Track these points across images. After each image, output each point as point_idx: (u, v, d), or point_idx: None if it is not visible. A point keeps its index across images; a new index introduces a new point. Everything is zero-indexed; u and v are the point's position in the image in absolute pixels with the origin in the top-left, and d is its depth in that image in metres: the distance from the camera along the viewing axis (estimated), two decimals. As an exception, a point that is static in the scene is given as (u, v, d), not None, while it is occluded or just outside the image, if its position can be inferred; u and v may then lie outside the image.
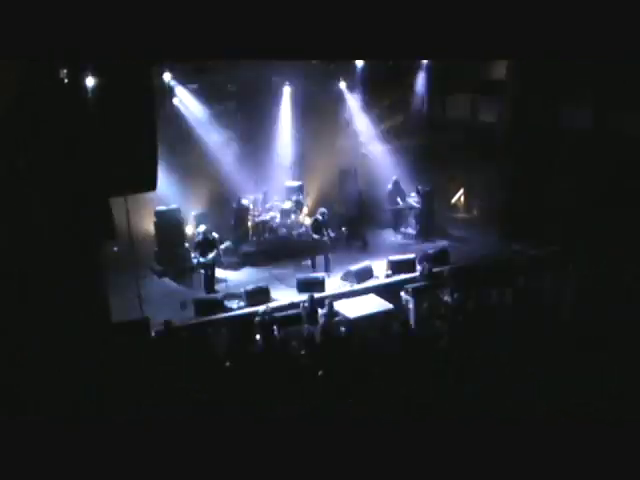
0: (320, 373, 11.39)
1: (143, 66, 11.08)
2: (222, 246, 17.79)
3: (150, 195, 15.71)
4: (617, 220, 16.31)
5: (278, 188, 20.83)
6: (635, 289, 13.86)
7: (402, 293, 16.48)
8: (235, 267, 18.92)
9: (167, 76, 18.14)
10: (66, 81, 9.46)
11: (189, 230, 19.18)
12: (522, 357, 11.19)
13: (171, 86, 18.40)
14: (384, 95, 22.18)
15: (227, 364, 12.42)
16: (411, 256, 18.32)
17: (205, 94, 18.97)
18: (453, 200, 23.32)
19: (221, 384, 11.45)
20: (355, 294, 16.61)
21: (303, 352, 13.08)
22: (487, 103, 20.30)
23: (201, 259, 17.20)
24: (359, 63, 20.90)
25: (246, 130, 19.83)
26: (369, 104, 21.98)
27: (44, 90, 8.52)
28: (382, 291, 16.65)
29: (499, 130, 17.99)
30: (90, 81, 12.09)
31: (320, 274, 17.78)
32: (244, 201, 19.88)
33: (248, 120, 19.86)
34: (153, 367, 12.56)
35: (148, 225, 18.55)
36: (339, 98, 21.35)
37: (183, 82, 18.68)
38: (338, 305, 15.58)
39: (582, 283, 14.53)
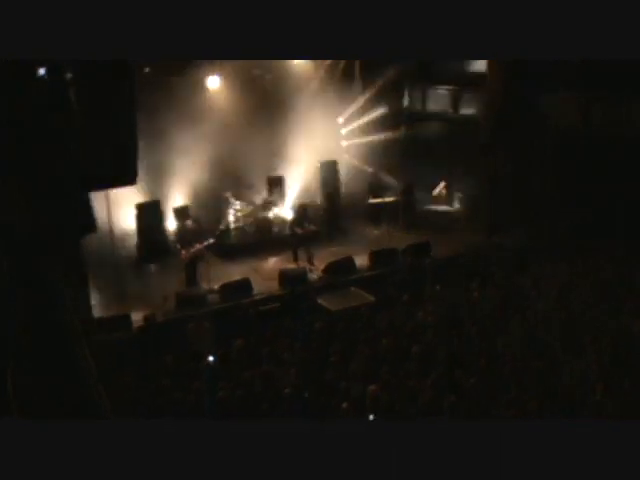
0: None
1: (125, 62, 10.98)
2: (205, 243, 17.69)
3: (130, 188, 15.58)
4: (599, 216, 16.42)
5: (259, 181, 20.79)
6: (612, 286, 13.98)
7: (384, 286, 16.49)
8: (217, 260, 18.84)
9: (148, 70, 18.00)
10: (44, 76, 9.35)
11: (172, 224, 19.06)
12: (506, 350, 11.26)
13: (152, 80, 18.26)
14: (365, 88, 22.23)
15: (210, 359, 12.36)
16: (392, 249, 18.34)
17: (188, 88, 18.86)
18: (434, 193, 23.35)
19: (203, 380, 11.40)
20: (337, 287, 16.60)
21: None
22: (468, 96, 20.31)
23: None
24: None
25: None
26: (350, 97, 22.03)
27: (21, 86, 8.41)
28: (364, 284, 16.64)
29: (480, 123, 18.01)
30: (69, 75, 12.02)
31: (301, 267, 17.77)
32: (226, 195, 19.82)
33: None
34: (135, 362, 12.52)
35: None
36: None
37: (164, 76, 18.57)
38: (320, 298, 15.57)
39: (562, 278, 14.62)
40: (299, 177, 21.35)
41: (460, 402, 9.69)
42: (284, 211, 20.20)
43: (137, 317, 14.91)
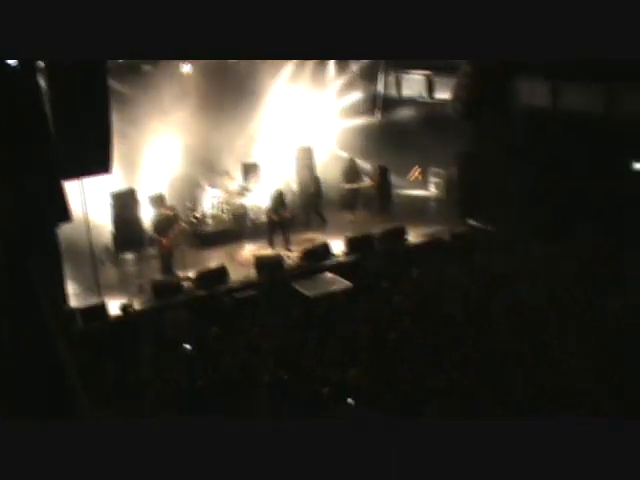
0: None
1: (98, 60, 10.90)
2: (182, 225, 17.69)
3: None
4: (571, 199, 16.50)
5: (235, 168, 20.73)
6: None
7: (360, 271, 16.53)
8: (193, 248, 18.78)
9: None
10: (17, 67, 9.29)
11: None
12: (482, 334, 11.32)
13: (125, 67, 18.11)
14: (340, 73, 22.22)
15: (187, 347, 12.37)
16: (368, 234, 18.37)
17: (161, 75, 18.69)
18: (409, 177, 23.39)
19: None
20: (313, 272, 16.63)
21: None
22: (443, 80, 20.34)
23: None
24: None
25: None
26: (325, 82, 22.00)
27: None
28: (340, 270, 16.68)
29: (454, 107, 18.05)
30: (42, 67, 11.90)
31: (278, 253, 17.76)
32: (201, 182, 19.77)
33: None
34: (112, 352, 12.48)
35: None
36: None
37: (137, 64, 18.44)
38: (297, 284, 15.60)
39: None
40: (274, 163, 21.31)
41: (439, 389, 9.75)
42: (260, 198, 20.16)
43: (114, 306, 14.88)
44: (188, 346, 12.50)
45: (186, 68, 19.34)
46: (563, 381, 9.62)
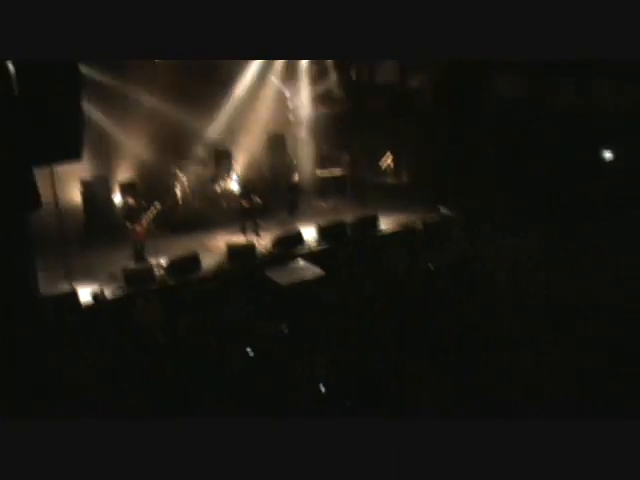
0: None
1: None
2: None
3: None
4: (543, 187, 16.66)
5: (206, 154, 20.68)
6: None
7: (333, 259, 16.56)
8: (165, 235, 18.68)
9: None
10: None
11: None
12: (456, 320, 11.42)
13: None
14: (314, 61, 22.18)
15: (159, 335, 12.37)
16: (340, 222, 18.39)
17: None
18: (381, 165, 23.45)
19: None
20: (286, 261, 16.63)
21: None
22: (415, 68, 20.39)
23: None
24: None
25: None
26: (297, 69, 21.97)
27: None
28: (312, 258, 16.69)
29: (427, 95, 18.12)
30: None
31: (250, 241, 17.74)
32: (173, 170, 19.69)
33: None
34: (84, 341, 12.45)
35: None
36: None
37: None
38: (269, 272, 15.60)
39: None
40: (247, 151, 21.26)
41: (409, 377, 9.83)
42: (232, 185, 20.12)
43: (85, 294, 14.81)
44: (160, 334, 12.49)
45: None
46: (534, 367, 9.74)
